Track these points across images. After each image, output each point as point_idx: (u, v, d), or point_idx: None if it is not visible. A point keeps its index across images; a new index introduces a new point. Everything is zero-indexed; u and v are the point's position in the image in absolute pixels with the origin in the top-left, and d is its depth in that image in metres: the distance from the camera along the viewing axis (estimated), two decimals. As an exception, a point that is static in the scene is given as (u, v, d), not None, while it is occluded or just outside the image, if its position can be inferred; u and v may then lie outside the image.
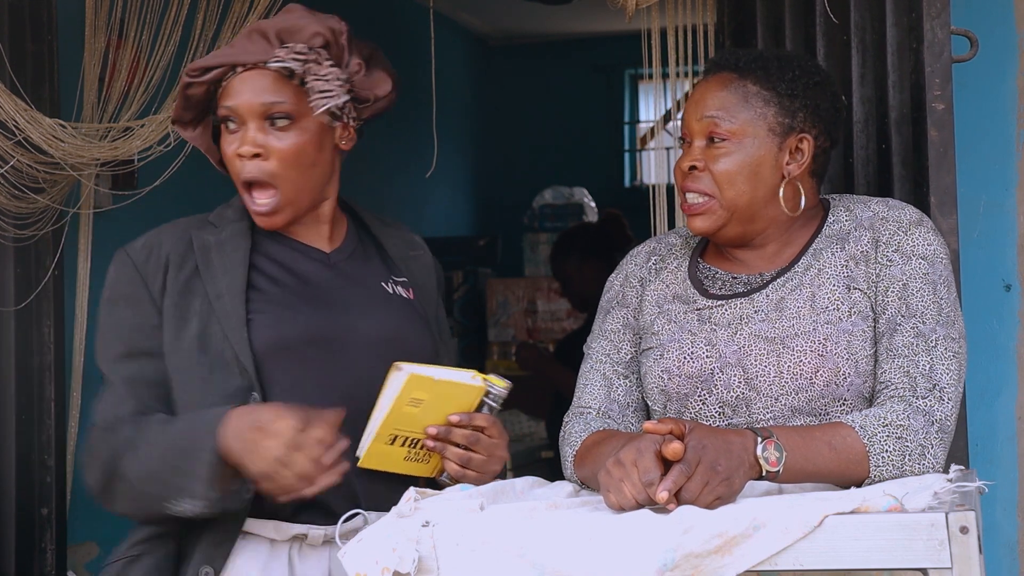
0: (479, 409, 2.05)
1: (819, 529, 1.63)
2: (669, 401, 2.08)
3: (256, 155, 2.09)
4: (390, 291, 2.22)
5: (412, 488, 1.83)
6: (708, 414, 2.04)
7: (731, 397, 2.03)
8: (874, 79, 2.51)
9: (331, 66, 2.12)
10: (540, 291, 6.91)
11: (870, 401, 2.01)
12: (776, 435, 1.83)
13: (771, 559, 1.63)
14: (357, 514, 2.02)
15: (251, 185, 2.12)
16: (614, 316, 2.19)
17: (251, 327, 2.07)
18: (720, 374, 2.03)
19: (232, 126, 2.11)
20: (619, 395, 2.14)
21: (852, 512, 1.65)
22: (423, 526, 1.71)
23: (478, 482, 2.02)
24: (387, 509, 2.03)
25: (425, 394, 1.99)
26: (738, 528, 1.63)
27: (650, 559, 1.62)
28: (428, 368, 2.02)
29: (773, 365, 2.01)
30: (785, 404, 2.00)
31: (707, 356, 2.05)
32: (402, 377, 1.99)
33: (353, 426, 2.06)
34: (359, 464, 2.04)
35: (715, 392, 2.03)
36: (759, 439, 1.81)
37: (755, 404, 2.02)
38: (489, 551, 1.68)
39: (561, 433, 2.14)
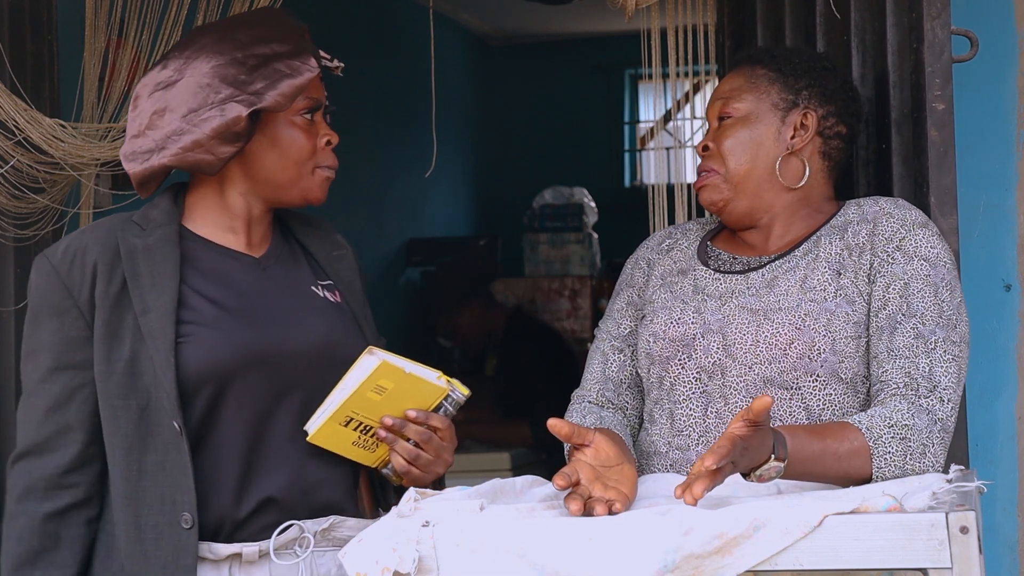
0: (436, 410, 2.05)
1: (819, 529, 1.63)
2: (652, 365, 2.15)
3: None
4: (320, 295, 2.17)
5: (412, 488, 1.83)
6: (686, 378, 2.11)
7: (708, 363, 2.09)
8: (874, 79, 2.51)
9: None
10: (540, 291, 6.92)
11: (846, 383, 2.04)
12: (789, 449, 1.81)
13: (771, 559, 1.63)
14: (291, 526, 2.04)
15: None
16: (621, 296, 2.28)
17: (181, 352, 2.00)
18: (701, 340, 2.10)
19: (310, 117, 2.12)
20: (613, 371, 2.22)
21: (852, 512, 1.65)
22: (423, 526, 1.71)
23: (420, 481, 2.02)
24: (322, 514, 2.08)
25: (390, 384, 1.99)
26: (738, 529, 1.63)
27: (650, 560, 1.62)
28: (400, 359, 2.01)
29: (751, 334, 2.06)
30: (758, 373, 2.05)
31: (692, 322, 2.12)
32: (373, 362, 1.98)
33: (286, 439, 2.07)
34: (308, 439, 2.03)
35: (694, 357, 2.10)
36: (772, 456, 1.79)
37: (730, 371, 2.07)
38: (489, 551, 1.68)
39: (566, 415, 2.20)
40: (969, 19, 2.55)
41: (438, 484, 2.08)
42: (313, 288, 2.17)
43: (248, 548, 2.05)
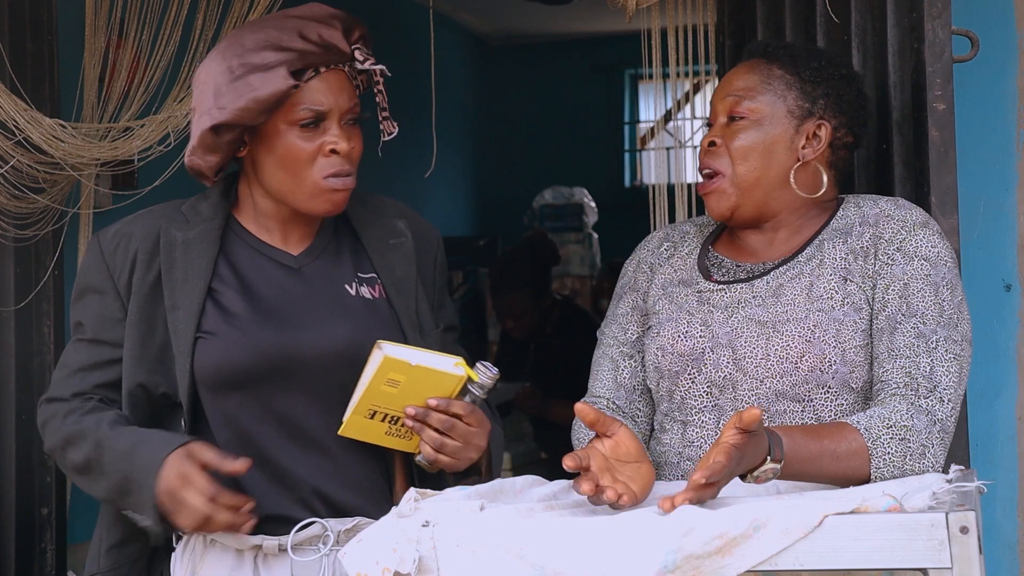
0: (461, 396, 2.05)
1: (819, 529, 1.63)
2: (662, 379, 2.12)
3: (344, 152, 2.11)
4: (352, 293, 2.17)
5: (412, 488, 1.83)
6: (696, 393, 2.09)
7: (719, 377, 2.06)
8: (875, 79, 2.51)
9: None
10: (540, 291, 6.90)
11: (857, 392, 2.03)
12: (786, 450, 1.81)
13: (771, 559, 1.63)
14: (312, 523, 2.08)
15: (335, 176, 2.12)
16: (625, 301, 2.24)
17: (198, 349, 2.08)
18: (710, 354, 2.07)
19: (311, 126, 2.09)
20: (625, 378, 2.19)
21: (852, 512, 1.65)
22: (423, 526, 1.71)
23: (451, 467, 2.04)
24: (347, 515, 2.11)
25: (402, 376, 2.01)
26: (738, 529, 1.63)
27: (651, 561, 1.62)
28: (407, 351, 2.02)
29: (761, 347, 2.04)
30: (770, 387, 2.03)
31: (700, 336, 2.09)
32: (378, 357, 2.00)
33: (304, 443, 2.11)
34: (339, 432, 2.06)
35: (704, 371, 2.08)
36: (768, 459, 1.80)
37: (741, 385, 2.05)
38: (489, 552, 1.68)
39: (575, 423, 2.19)
40: (969, 19, 2.55)
41: (473, 468, 2.10)
42: (347, 286, 2.18)
43: (269, 541, 2.09)
